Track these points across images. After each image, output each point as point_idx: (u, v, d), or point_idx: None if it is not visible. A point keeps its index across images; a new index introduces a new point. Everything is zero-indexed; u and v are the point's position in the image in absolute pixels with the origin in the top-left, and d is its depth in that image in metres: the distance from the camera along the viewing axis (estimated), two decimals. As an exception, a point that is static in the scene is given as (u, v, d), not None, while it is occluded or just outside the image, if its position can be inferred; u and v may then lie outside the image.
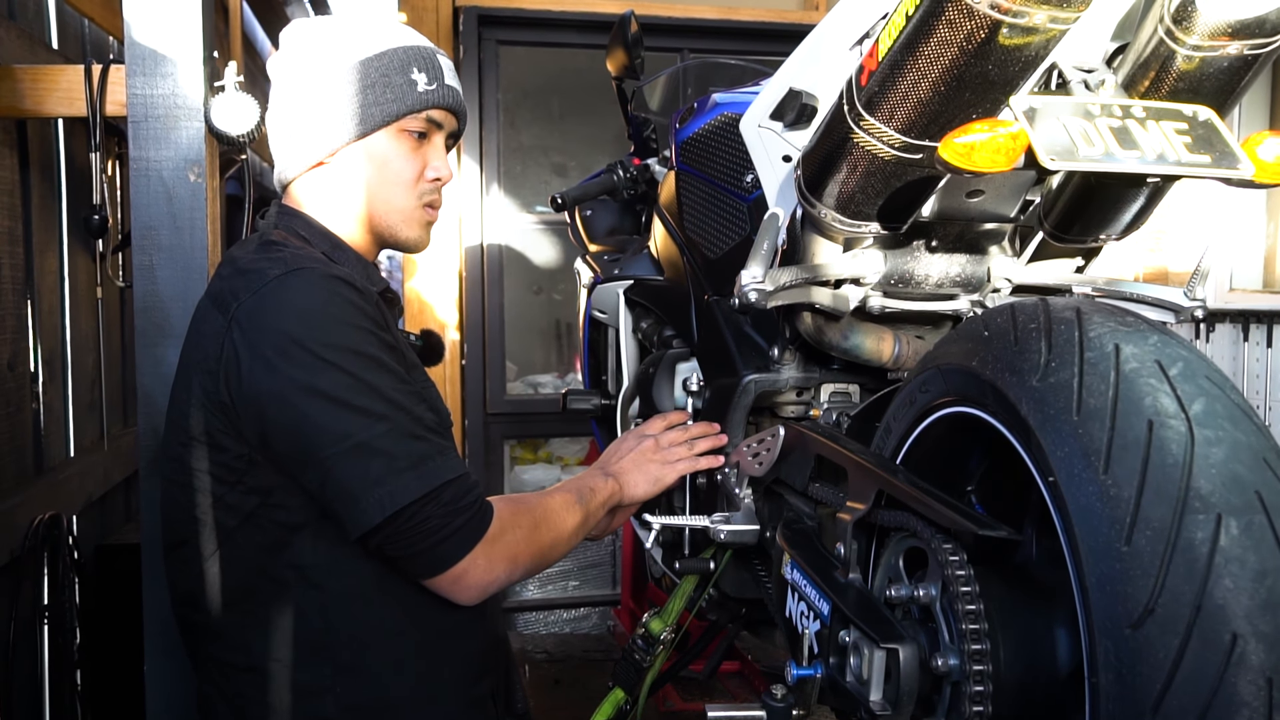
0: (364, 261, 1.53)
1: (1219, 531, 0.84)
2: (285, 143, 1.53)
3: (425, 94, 1.50)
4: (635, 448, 1.73)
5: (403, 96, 1.48)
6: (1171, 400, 0.92)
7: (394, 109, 1.48)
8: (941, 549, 1.10)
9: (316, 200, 1.53)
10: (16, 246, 2.21)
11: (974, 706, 1.03)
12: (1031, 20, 1.06)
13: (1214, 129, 1.13)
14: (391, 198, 1.52)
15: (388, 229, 1.54)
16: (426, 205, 1.56)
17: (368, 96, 1.47)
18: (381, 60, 1.48)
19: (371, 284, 1.47)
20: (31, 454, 2.29)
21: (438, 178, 1.55)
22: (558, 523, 1.50)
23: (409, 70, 1.49)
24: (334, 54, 1.49)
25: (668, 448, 1.73)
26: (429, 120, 1.52)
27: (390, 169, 1.51)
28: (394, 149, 1.50)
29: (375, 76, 1.47)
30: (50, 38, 2.44)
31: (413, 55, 1.50)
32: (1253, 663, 0.80)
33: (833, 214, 1.42)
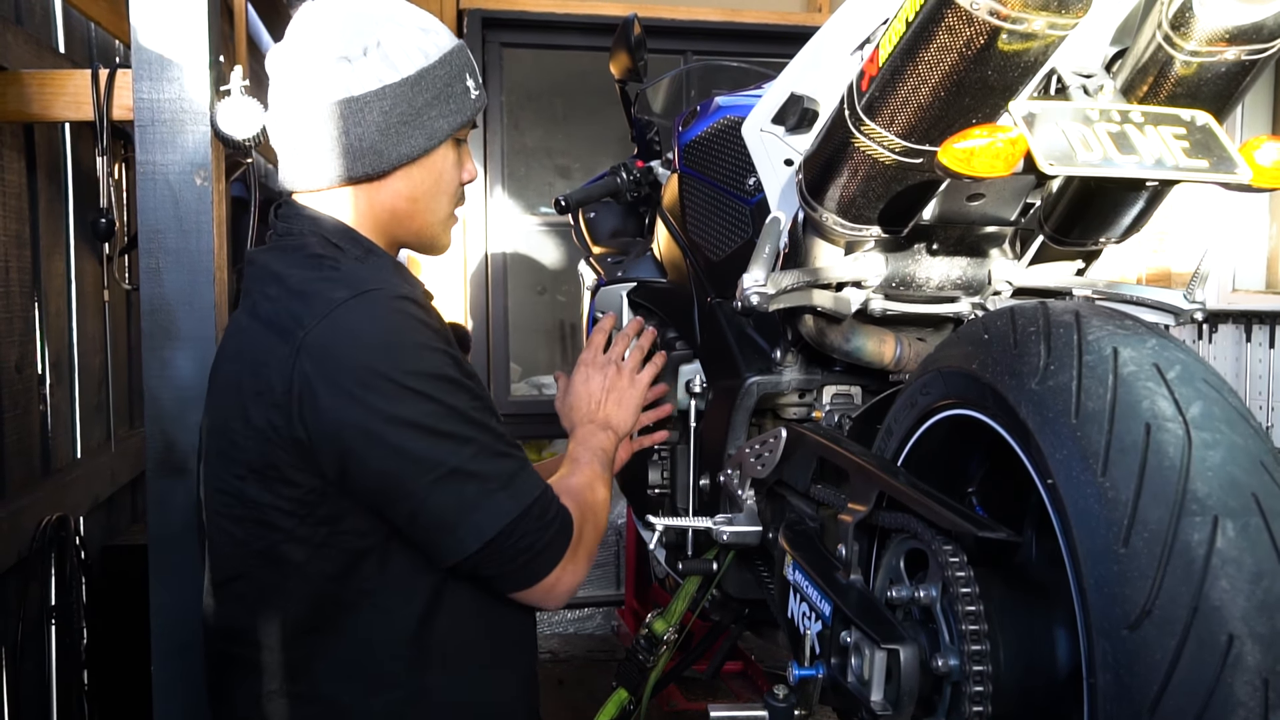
0: (400, 266, 1.45)
1: (1215, 533, 0.85)
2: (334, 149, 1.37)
3: (476, 100, 1.44)
4: (604, 383, 1.74)
5: (463, 107, 1.41)
6: (1169, 403, 0.93)
7: (457, 121, 1.41)
8: (942, 550, 1.10)
9: (347, 213, 1.41)
10: (24, 250, 2.22)
11: (974, 707, 1.04)
12: (1030, 26, 1.07)
13: (1212, 134, 1.14)
14: (439, 209, 1.46)
15: (433, 239, 1.49)
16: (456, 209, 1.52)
17: (434, 109, 1.38)
18: (443, 67, 1.39)
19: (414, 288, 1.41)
20: (39, 455, 2.30)
21: (470, 179, 1.50)
22: (602, 503, 1.51)
23: (463, 76, 1.42)
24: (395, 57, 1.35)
25: (630, 370, 1.76)
26: (472, 125, 1.47)
27: (443, 181, 1.44)
28: (448, 160, 1.44)
29: (440, 87, 1.38)
30: (57, 42, 2.45)
31: (463, 59, 1.43)
32: (1249, 663, 0.81)
33: (834, 217, 1.43)
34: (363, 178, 1.38)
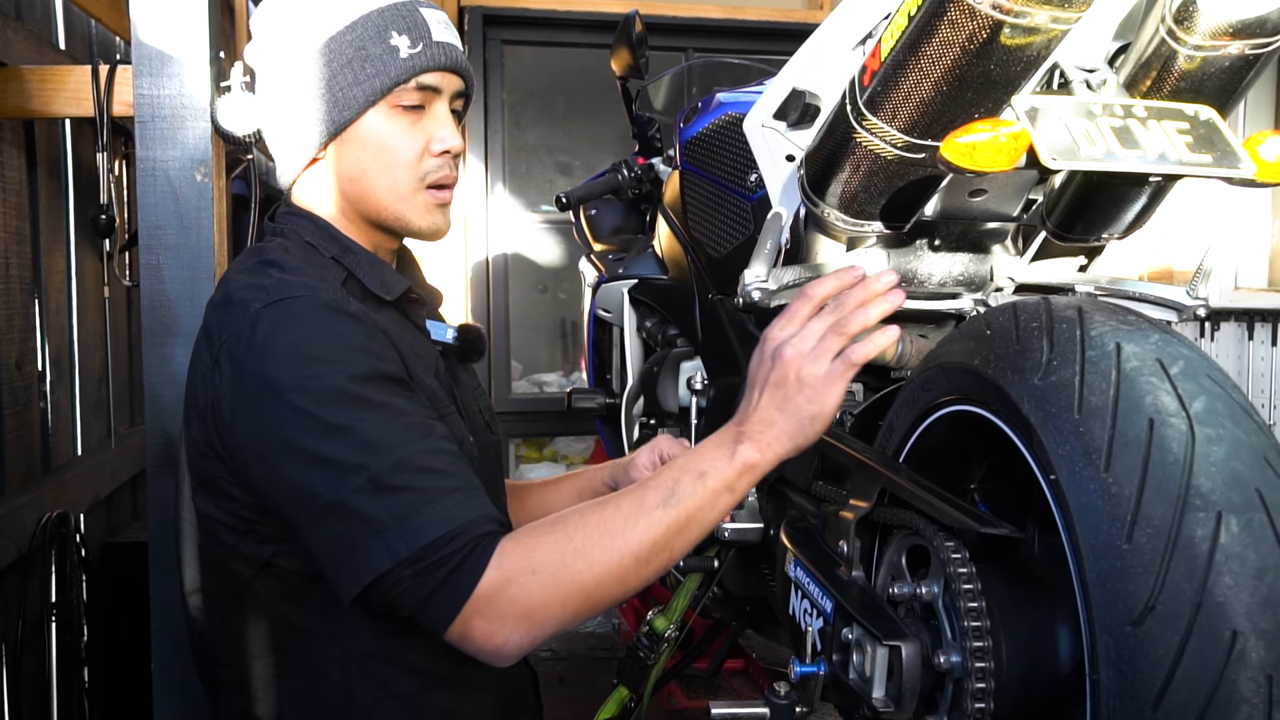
0: (377, 263, 1.36)
1: (1219, 529, 0.85)
2: (276, 143, 1.37)
3: (411, 59, 1.30)
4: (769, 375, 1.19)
5: (384, 69, 1.29)
6: (1172, 399, 0.92)
7: (377, 85, 1.29)
8: (944, 547, 1.10)
9: (319, 199, 1.36)
10: (24, 246, 2.21)
11: (976, 703, 1.04)
12: (1033, 20, 1.07)
13: (1215, 128, 1.13)
14: (393, 183, 1.33)
15: (397, 219, 1.35)
16: (434, 186, 1.35)
17: (345, 76, 1.29)
18: (354, 31, 1.29)
19: (386, 290, 1.34)
20: (39, 453, 2.30)
21: (445, 150, 1.34)
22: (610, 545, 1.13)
23: (386, 36, 1.29)
24: (302, 35, 1.30)
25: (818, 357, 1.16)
26: (422, 88, 1.32)
27: (387, 152, 1.32)
28: (387, 129, 1.31)
29: (350, 52, 1.29)
30: (57, 38, 2.45)
31: (389, 17, 1.30)
32: (1253, 660, 0.81)
33: (836, 213, 1.43)
34: (301, 162, 1.34)
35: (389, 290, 1.34)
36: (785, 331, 1.19)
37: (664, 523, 1.14)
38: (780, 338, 1.19)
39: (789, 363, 1.16)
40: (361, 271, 1.33)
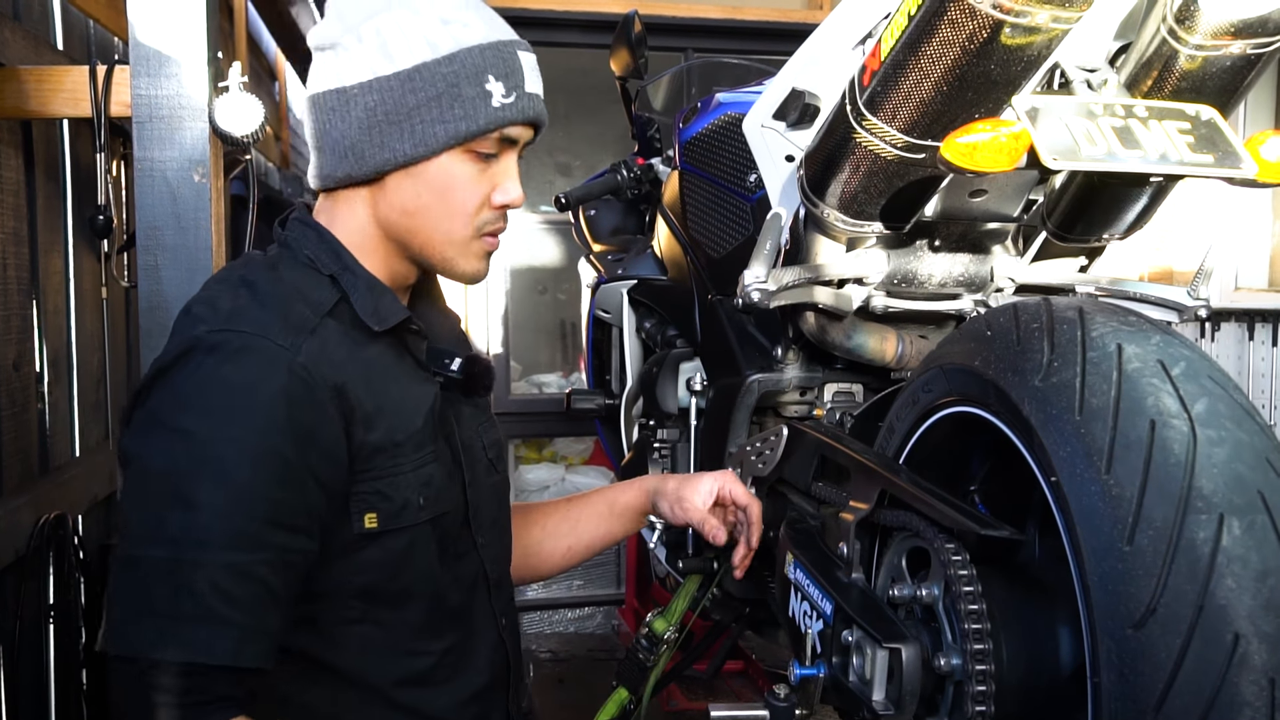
0: (376, 289, 1.26)
1: (1221, 531, 0.84)
2: (325, 148, 1.25)
3: (502, 109, 1.22)
4: None
5: (473, 114, 1.20)
6: (1174, 400, 0.92)
7: (462, 129, 1.20)
8: (944, 549, 1.10)
9: (354, 215, 1.27)
10: (22, 247, 2.21)
11: (977, 706, 1.03)
12: (1034, 20, 1.06)
13: (1217, 128, 1.13)
14: (450, 229, 1.25)
15: (442, 262, 1.28)
16: (487, 234, 1.29)
17: (430, 111, 1.19)
18: (451, 65, 1.19)
19: (378, 319, 1.24)
20: (37, 454, 2.29)
21: (506, 203, 1.28)
22: None
23: (483, 79, 1.20)
24: (395, 50, 1.20)
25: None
26: (503, 139, 1.24)
27: (450, 197, 1.24)
28: (457, 174, 1.23)
29: (442, 86, 1.19)
30: (55, 39, 2.44)
31: (489, 58, 1.21)
32: (1255, 663, 0.80)
33: (836, 214, 1.42)
34: (347, 180, 1.24)
35: (381, 320, 1.25)
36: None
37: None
38: None
39: None
40: (356, 295, 1.24)
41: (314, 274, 1.24)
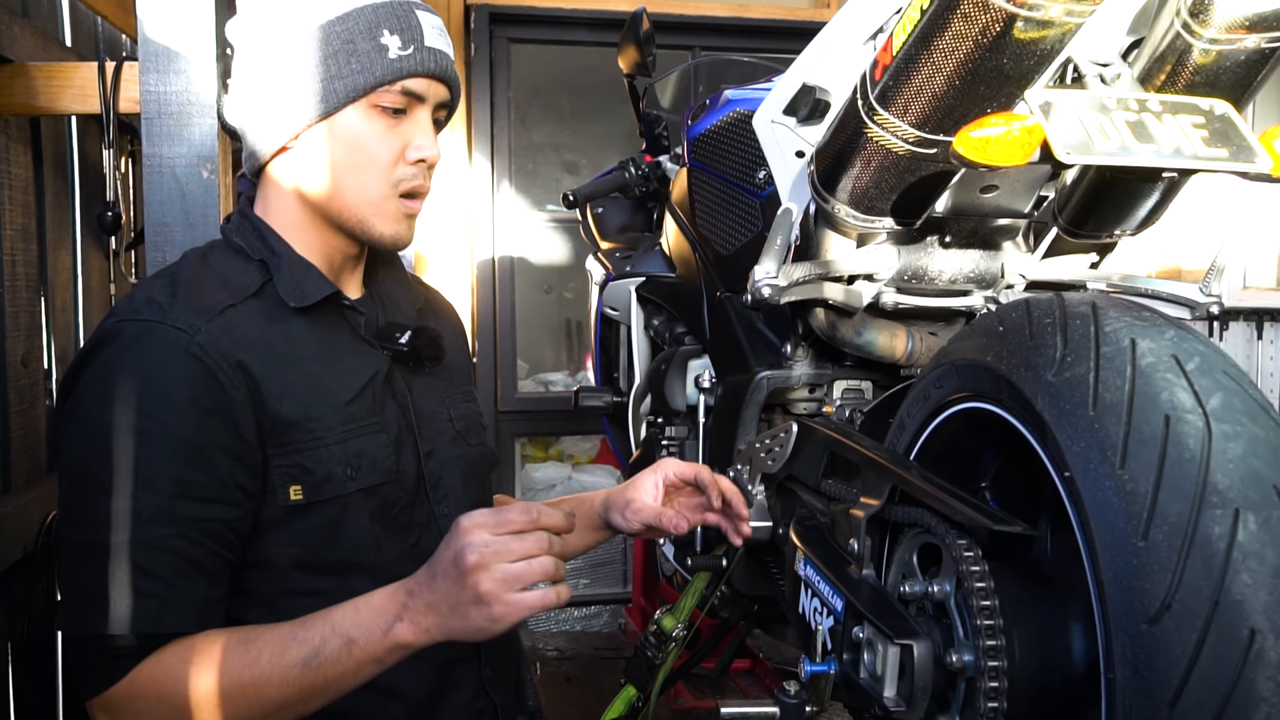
0: (299, 268, 1.32)
1: (1236, 527, 0.84)
2: (247, 125, 1.33)
3: (399, 60, 1.26)
4: (448, 569, 1.12)
5: (370, 66, 1.26)
6: (1188, 395, 0.91)
7: (360, 81, 1.26)
8: (956, 545, 1.09)
9: (280, 191, 1.33)
10: (30, 243, 2.21)
11: (989, 703, 1.03)
12: (1047, 14, 1.06)
13: (1231, 123, 1.12)
14: (363, 186, 1.30)
15: (358, 223, 1.32)
16: (406, 195, 1.32)
17: (329, 68, 1.26)
18: (345, 23, 1.26)
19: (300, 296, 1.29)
20: (45, 451, 2.29)
21: (421, 159, 1.31)
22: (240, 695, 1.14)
23: (377, 33, 1.26)
24: (290, 17, 1.28)
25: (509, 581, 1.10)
26: (406, 93, 1.28)
27: (360, 152, 1.28)
28: (364, 128, 1.28)
29: (338, 43, 1.26)
30: (64, 35, 2.44)
31: (383, 14, 1.27)
32: (1271, 658, 0.80)
33: (846, 209, 1.42)
34: (268, 150, 1.31)
35: (302, 297, 1.30)
36: (479, 536, 1.11)
37: (298, 684, 1.13)
38: (471, 540, 1.10)
39: (470, 571, 1.09)
40: (279, 276, 1.30)
41: (242, 259, 1.32)
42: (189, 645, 1.16)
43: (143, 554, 1.14)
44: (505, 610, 1.10)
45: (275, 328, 1.28)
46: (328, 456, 1.27)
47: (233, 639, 1.17)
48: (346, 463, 1.28)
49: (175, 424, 1.17)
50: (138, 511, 1.15)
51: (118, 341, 1.19)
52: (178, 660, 1.15)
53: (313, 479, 1.26)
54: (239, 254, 1.32)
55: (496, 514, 1.14)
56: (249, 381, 1.22)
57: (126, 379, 1.18)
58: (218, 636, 1.17)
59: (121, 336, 1.19)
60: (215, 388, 1.19)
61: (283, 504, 1.24)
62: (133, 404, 1.17)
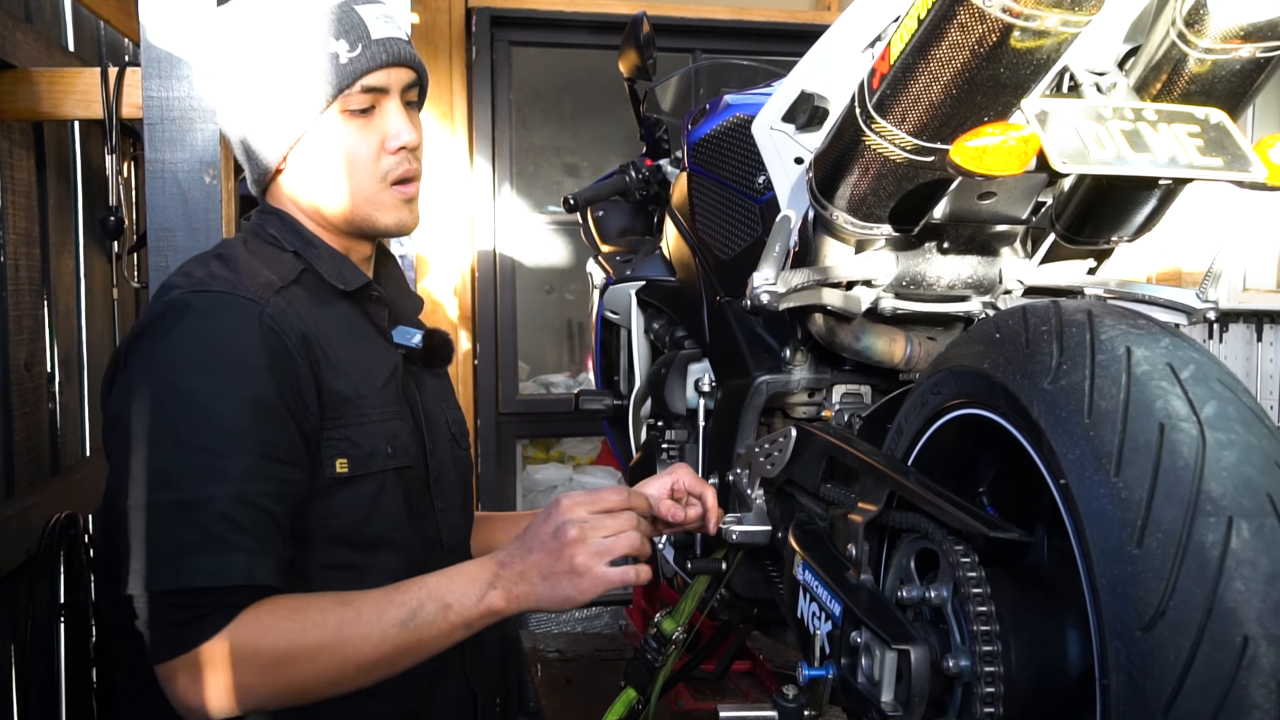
0: (338, 258, 1.40)
1: (1230, 534, 0.84)
2: (241, 156, 1.43)
3: (351, 64, 1.31)
4: (546, 542, 1.24)
5: (326, 77, 1.31)
6: (1183, 403, 0.92)
7: (320, 93, 1.31)
8: (953, 550, 1.10)
9: (288, 205, 1.42)
10: (33, 248, 2.22)
11: (985, 708, 1.03)
12: (1043, 23, 1.07)
13: (1226, 132, 1.13)
14: (355, 186, 1.36)
15: (365, 220, 1.39)
16: (397, 182, 1.38)
17: (291, 88, 1.32)
18: (292, 42, 1.31)
19: (344, 281, 1.38)
20: (48, 453, 2.30)
21: (400, 145, 1.36)
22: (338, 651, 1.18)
23: (324, 43, 1.31)
24: (246, 52, 1.35)
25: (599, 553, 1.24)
26: (367, 89, 1.33)
27: (342, 156, 1.35)
28: (340, 135, 1.34)
29: (292, 63, 1.31)
30: (67, 40, 2.45)
31: (325, 23, 1.31)
32: (1264, 665, 0.80)
33: (844, 216, 1.43)
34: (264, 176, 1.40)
35: (346, 282, 1.38)
36: (579, 513, 1.25)
37: (395, 643, 1.20)
38: (573, 516, 1.24)
39: (570, 544, 1.23)
40: (320, 264, 1.37)
41: (278, 251, 1.37)
42: (285, 601, 1.19)
43: (235, 508, 1.17)
44: (593, 581, 1.23)
45: (321, 310, 1.34)
46: (372, 433, 1.33)
47: (329, 598, 1.21)
48: (386, 440, 1.35)
49: (258, 387, 1.21)
50: (228, 468, 1.17)
51: (189, 311, 1.23)
52: (277, 615, 1.18)
53: (359, 452, 1.31)
54: (274, 245, 1.38)
55: (592, 494, 1.28)
56: (311, 354, 1.28)
57: (205, 345, 1.21)
58: (311, 595, 1.22)
59: (193, 306, 1.23)
60: (287, 356, 1.24)
61: (329, 476, 1.29)
62: (214, 368, 1.20)
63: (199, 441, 1.18)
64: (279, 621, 1.17)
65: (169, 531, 1.16)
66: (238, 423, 1.19)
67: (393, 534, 1.36)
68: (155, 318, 1.24)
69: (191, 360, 1.21)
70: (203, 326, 1.22)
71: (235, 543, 1.16)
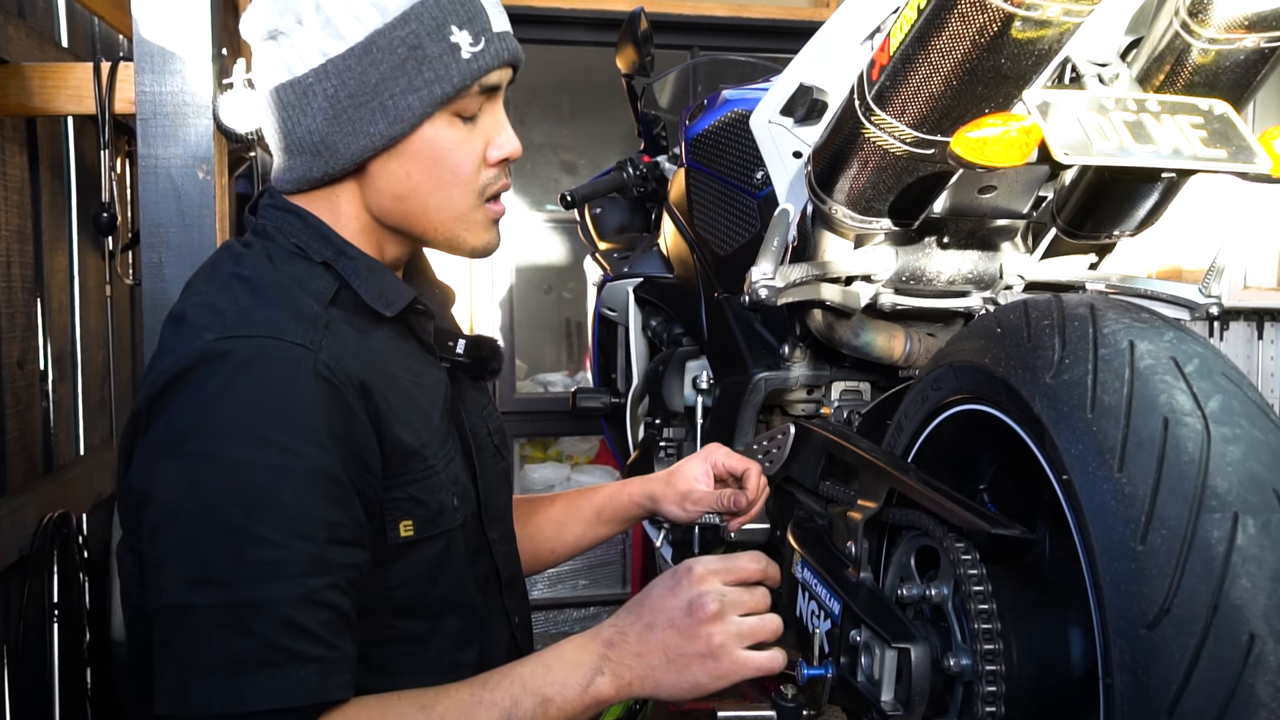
0: (377, 270, 1.16)
1: (1236, 530, 0.83)
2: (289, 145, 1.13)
3: (474, 59, 1.10)
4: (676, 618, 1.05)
5: (445, 73, 1.09)
6: (1187, 397, 0.90)
7: (437, 92, 1.09)
8: (954, 548, 1.08)
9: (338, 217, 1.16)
10: (26, 244, 2.21)
11: (986, 707, 1.02)
12: (1045, 13, 1.05)
13: (1230, 123, 1.12)
14: (447, 202, 1.15)
15: (449, 240, 1.18)
16: (490, 199, 1.18)
17: (398, 83, 1.08)
18: (407, 25, 1.07)
19: (386, 303, 1.15)
20: (41, 452, 2.29)
21: (504, 157, 1.17)
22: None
23: (445, 31, 1.08)
24: (339, 20, 1.07)
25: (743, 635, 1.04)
26: (484, 90, 1.13)
27: (443, 168, 1.13)
28: (444, 141, 1.12)
29: (404, 52, 1.07)
30: (60, 36, 2.44)
31: (445, 6, 1.09)
32: (1270, 663, 0.79)
33: (844, 210, 1.41)
34: (326, 179, 1.13)
35: (389, 304, 1.15)
36: (714, 584, 1.05)
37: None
38: (709, 588, 1.05)
39: (707, 621, 1.03)
40: (358, 281, 1.13)
41: (305, 262, 1.13)
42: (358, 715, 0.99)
43: (300, 610, 0.95)
44: (733, 667, 1.03)
45: (367, 339, 1.11)
46: (438, 485, 1.13)
47: (405, 703, 1.00)
48: (451, 491, 1.15)
49: (318, 457, 0.98)
50: (290, 561, 0.95)
51: (227, 362, 0.98)
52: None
53: (425, 512, 1.12)
54: (298, 256, 1.13)
55: (727, 561, 1.08)
56: (370, 405, 1.05)
57: (252, 408, 0.97)
58: (385, 700, 1.01)
59: (231, 356, 0.99)
60: (346, 413, 1.02)
61: (391, 542, 1.09)
62: (264, 438, 0.97)
63: (252, 529, 0.95)
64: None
65: (218, 641, 0.93)
66: (297, 504, 0.97)
67: (457, 595, 1.17)
68: (183, 370, 0.99)
69: (236, 427, 0.96)
70: (246, 384, 0.98)
71: (302, 652, 0.94)
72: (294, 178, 1.14)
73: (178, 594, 0.95)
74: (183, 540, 0.96)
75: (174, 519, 0.97)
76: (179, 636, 0.95)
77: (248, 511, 0.95)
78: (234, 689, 0.93)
